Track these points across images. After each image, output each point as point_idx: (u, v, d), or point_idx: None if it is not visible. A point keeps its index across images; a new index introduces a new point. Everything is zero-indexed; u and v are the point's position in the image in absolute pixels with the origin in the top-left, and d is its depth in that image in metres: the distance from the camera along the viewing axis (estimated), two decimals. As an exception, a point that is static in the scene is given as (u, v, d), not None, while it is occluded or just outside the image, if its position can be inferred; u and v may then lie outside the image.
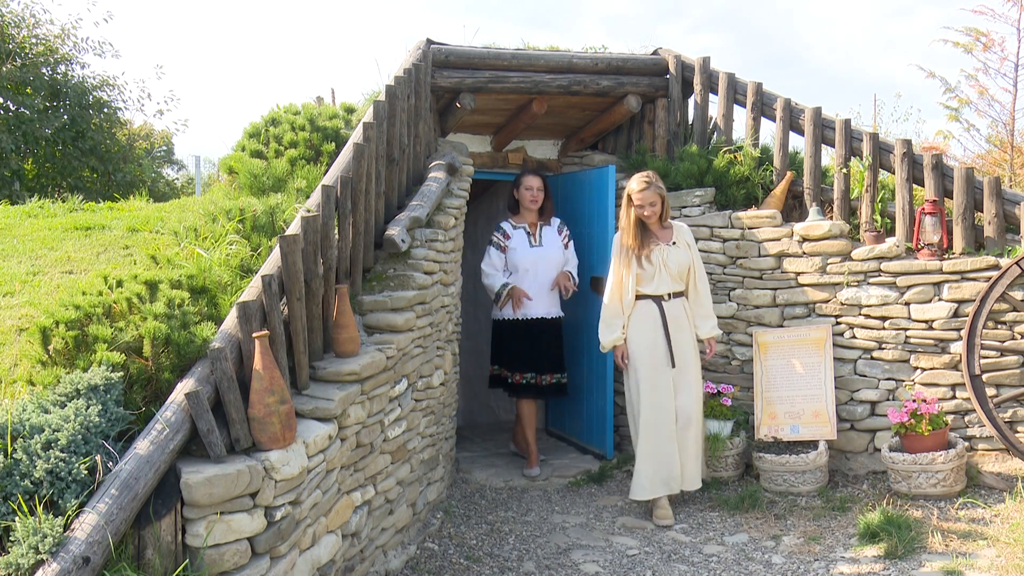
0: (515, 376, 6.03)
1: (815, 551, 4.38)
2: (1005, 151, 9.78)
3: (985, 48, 9.31)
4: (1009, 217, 5.13)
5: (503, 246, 6.04)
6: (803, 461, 5.15)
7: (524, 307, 5.98)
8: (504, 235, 6.07)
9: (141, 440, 2.71)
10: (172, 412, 2.82)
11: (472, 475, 6.01)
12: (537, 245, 6.04)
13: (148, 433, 2.74)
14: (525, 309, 5.99)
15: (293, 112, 6.02)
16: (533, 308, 6.02)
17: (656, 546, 4.63)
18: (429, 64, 5.95)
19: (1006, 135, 9.74)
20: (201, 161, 12.37)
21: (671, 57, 6.57)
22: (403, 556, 4.28)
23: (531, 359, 6.01)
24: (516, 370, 6.03)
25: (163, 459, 2.70)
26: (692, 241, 5.25)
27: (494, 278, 6.00)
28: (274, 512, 2.91)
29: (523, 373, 6.01)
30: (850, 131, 5.73)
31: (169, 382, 3.04)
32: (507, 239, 6.04)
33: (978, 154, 10.16)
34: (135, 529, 2.59)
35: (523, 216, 6.11)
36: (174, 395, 2.91)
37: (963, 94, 9.71)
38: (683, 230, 5.24)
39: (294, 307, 3.42)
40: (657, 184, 5.07)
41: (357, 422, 3.66)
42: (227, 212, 4.47)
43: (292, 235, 3.38)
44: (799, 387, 5.44)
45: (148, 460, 2.64)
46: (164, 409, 2.84)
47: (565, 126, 7.17)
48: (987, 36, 9.31)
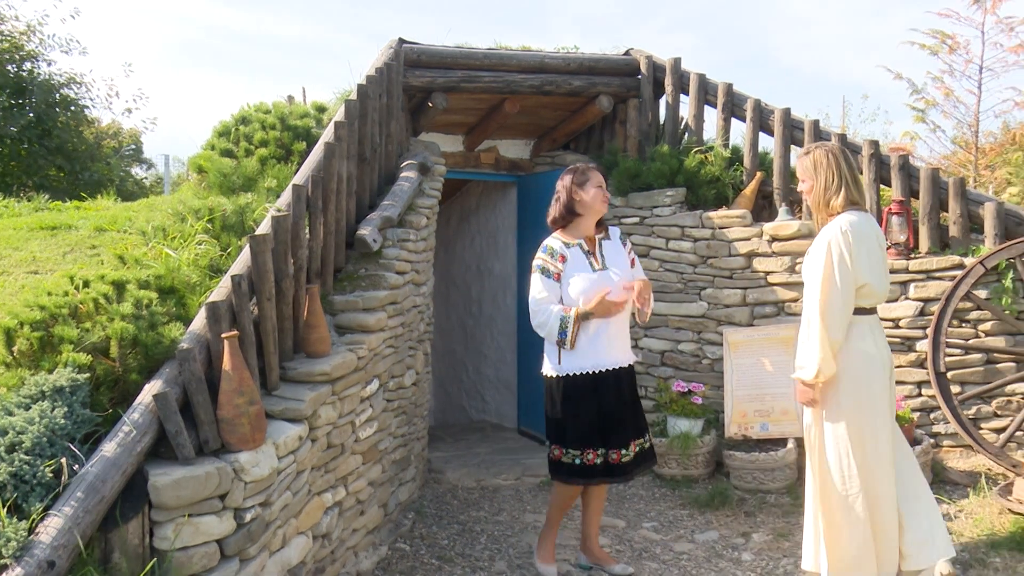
0: (587, 455, 4.01)
1: (784, 548, 4.42)
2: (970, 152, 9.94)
3: (951, 50, 9.47)
4: (973, 217, 5.22)
5: (556, 272, 4.03)
6: (772, 459, 5.21)
7: (599, 356, 4.03)
8: (557, 257, 4.04)
9: (108, 442, 2.68)
10: (139, 414, 2.79)
11: (444, 475, 6.00)
12: (601, 268, 4.07)
13: (115, 435, 2.71)
14: (600, 358, 4.04)
15: (263, 111, 5.97)
16: (603, 355, 4.06)
17: (627, 544, 4.65)
18: (401, 63, 5.93)
19: (971, 136, 9.91)
20: (170, 160, 12.28)
21: (643, 58, 6.61)
22: (374, 557, 4.27)
23: (606, 429, 4.05)
24: (587, 446, 4.02)
25: (130, 461, 2.67)
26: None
27: (548, 313, 3.99)
28: (244, 514, 2.89)
29: (596, 449, 4.03)
30: (819, 132, 5.79)
31: (137, 383, 3.01)
32: (562, 262, 4.04)
33: (944, 155, 10.32)
34: (102, 532, 2.56)
35: (577, 229, 4.13)
36: (142, 396, 2.88)
37: (929, 96, 9.87)
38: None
39: (264, 307, 3.39)
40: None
41: (328, 423, 3.65)
42: (196, 211, 4.43)
43: (262, 234, 3.36)
44: (768, 385, 5.49)
45: (115, 462, 2.61)
46: (131, 411, 2.81)
47: (537, 126, 7.19)
48: (952, 39, 9.46)
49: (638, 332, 6.15)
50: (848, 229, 3.43)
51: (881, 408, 3.50)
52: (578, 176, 4.13)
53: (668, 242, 6.06)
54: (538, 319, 4.03)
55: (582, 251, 4.08)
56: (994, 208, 5.10)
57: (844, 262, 3.41)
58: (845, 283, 3.41)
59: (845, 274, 3.41)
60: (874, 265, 3.48)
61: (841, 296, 3.42)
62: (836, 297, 3.41)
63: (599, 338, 3.99)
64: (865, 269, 3.44)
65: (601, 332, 3.99)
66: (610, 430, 4.05)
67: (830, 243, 3.45)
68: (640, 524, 4.95)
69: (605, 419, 4.04)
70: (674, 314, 6.00)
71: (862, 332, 3.52)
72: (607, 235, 4.21)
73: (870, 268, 3.46)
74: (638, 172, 6.21)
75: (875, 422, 3.48)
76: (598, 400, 4.03)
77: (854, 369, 3.49)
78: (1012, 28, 9.22)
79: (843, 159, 3.57)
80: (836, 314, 3.42)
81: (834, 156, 3.57)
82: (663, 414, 5.72)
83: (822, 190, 3.56)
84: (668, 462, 5.57)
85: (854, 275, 3.42)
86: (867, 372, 3.50)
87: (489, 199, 8.15)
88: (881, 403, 3.51)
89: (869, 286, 3.46)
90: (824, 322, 3.41)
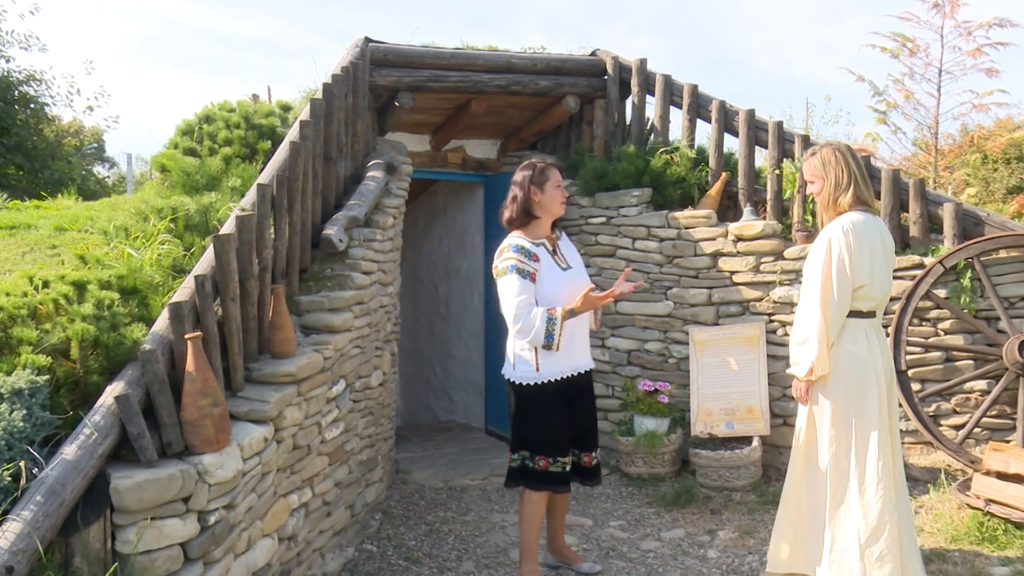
0: (560, 461, 3.94)
1: (749, 545, 4.47)
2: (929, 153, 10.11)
3: (911, 53, 9.61)
4: (933, 217, 5.30)
5: (532, 272, 3.84)
6: (737, 456, 5.26)
7: (574, 359, 3.96)
8: (531, 257, 3.86)
9: (68, 445, 2.64)
10: (101, 416, 2.76)
11: (412, 475, 5.98)
12: (567, 267, 3.99)
13: (76, 438, 2.67)
14: (576, 360, 3.97)
15: (228, 109, 5.91)
16: (579, 358, 4.01)
17: (594, 543, 4.67)
18: (367, 62, 5.90)
19: (930, 138, 10.08)
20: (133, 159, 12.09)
21: (609, 58, 6.64)
22: (341, 558, 4.25)
23: (580, 431, 4.05)
24: (558, 453, 3.93)
25: (91, 464, 2.63)
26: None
27: (533, 316, 3.75)
28: (208, 516, 2.86)
29: (565, 456, 3.96)
30: (782, 133, 5.86)
31: (98, 385, 2.96)
32: (535, 262, 3.87)
33: (904, 156, 10.49)
34: (62, 536, 2.52)
35: (536, 229, 3.98)
36: (103, 398, 2.84)
37: (890, 98, 10.02)
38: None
39: (228, 308, 3.36)
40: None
41: (294, 424, 3.62)
42: (159, 211, 4.38)
43: (226, 234, 3.33)
44: (734, 384, 5.54)
45: (76, 466, 2.57)
46: (92, 413, 2.77)
47: (504, 126, 7.19)
48: (913, 42, 9.62)
49: (605, 332, 6.18)
50: (849, 228, 3.40)
51: (870, 417, 3.43)
52: (536, 176, 3.96)
53: (634, 242, 6.10)
54: (522, 323, 3.76)
55: (547, 250, 3.95)
56: (953, 209, 5.20)
57: (843, 261, 3.38)
58: (841, 282, 3.39)
59: (842, 273, 3.38)
60: (875, 267, 3.44)
61: (837, 295, 3.39)
62: (832, 296, 3.39)
63: (574, 340, 3.92)
64: (864, 270, 3.40)
65: (576, 333, 3.93)
66: (583, 432, 4.05)
67: (830, 240, 3.42)
68: (607, 523, 4.97)
69: (579, 422, 4.02)
70: (640, 313, 6.04)
71: (855, 336, 3.48)
72: (560, 235, 4.13)
73: (870, 269, 3.42)
74: (604, 172, 6.24)
75: (862, 430, 3.43)
76: (574, 403, 3.99)
77: (841, 373, 3.46)
78: (970, 32, 9.39)
79: (851, 157, 3.53)
80: (832, 313, 3.40)
81: (842, 154, 3.53)
82: (630, 413, 5.75)
83: (832, 188, 3.51)
84: (635, 461, 5.61)
85: (852, 275, 3.39)
86: (857, 378, 3.45)
87: (456, 199, 8.14)
88: (870, 412, 3.43)
89: (867, 288, 3.43)
90: (823, 319, 3.40)
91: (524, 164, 4.05)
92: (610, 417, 6.12)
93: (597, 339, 6.21)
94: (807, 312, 3.47)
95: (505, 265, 3.84)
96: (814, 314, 3.42)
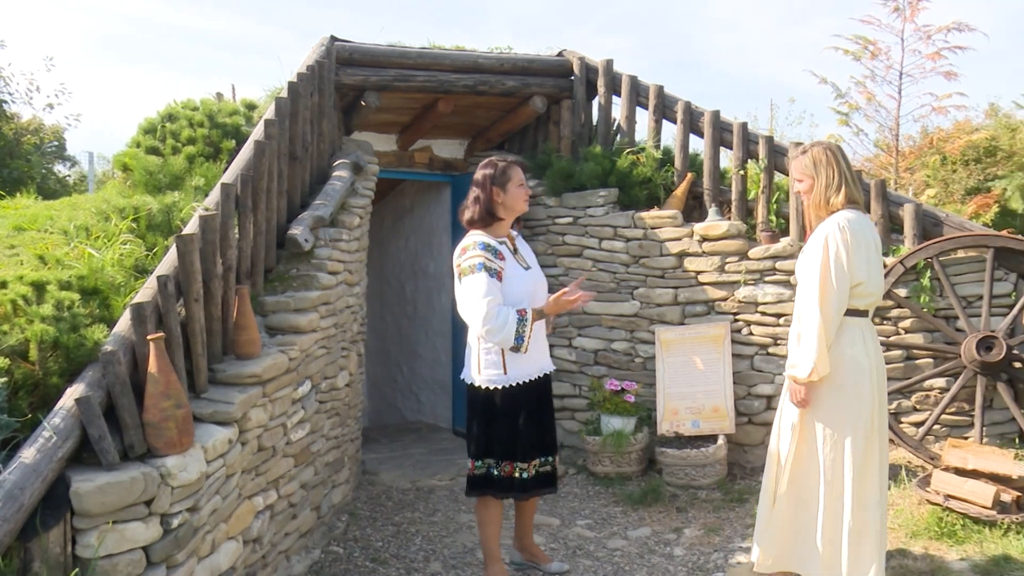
0: (525, 466, 3.90)
1: (715, 542, 4.51)
2: (891, 155, 10.27)
3: (872, 56, 9.74)
4: (894, 218, 5.39)
5: (499, 271, 3.75)
6: (703, 455, 5.30)
7: (539, 361, 3.93)
8: (498, 255, 3.78)
9: (27, 448, 2.59)
10: (61, 418, 2.71)
11: (379, 476, 5.96)
12: (528, 268, 3.94)
13: (35, 441, 2.62)
14: (541, 362, 3.96)
15: (191, 108, 5.85)
16: (543, 359, 3.99)
17: (561, 542, 4.68)
18: (333, 61, 5.87)
19: (892, 140, 10.23)
20: (94, 157, 11.92)
21: (575, 59, 6.66)
22: (307, 560, 4.22)
23: (544, 435, 3.98)
24: (523, 458, 3.89)
25: (51, 467, 2.59)
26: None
27: (504, 317, 3.67)
28: (171, 520, 2.83)
29: (530, 461, 3.92)
30: (747, 134, 5.92)
31: (58, 387, 2.92)
32: (502, 260, 3.79)
33: (866, 157, 10.63)
34: (21, 541, 2.47)
35: (499, 228, 3.90)
36: (63, 400, 2.80)
37: (852, 100, 10.14)
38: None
39: (192, 308, 3.33)
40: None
41: (259, 425, 3.59)
42: (121, 210, 4.32)
43: (190, 234, 3.30)
44: (699, 383, 5.58)
45: (35, 469, 2.53)
46: (52, 415, 2.73)
47: (472, 126, 7.19)
48: (874, 45, 9.74)
49: (572, 332, 6.21)
50: (846, 225, 3.37)
51: (865, 419, 3.40)
52: (498, 176, 3.85)
53: (601, 242, 6.12)
54: (493, 323, 3.64)
55: (508, 250, 3.88)
56: (913, 209, 5.28)
57: (840, 258, 3.35)
58: (840, 280, 3.35)
59: (840, 271, 3.35)
60: (871, 264, 3.43)
61: (836, 293, 3.35)
62: (832, 294, 3.35)
63: (537, 342, 3.88)
64: (861, 267, 3.38)
65: (538, 335, 3.89)
66: (548, 435, 4.01)
67: (827, 238, 3.38)
68: (574, 522, 4.99)
69: (544, 426, 3.97)
70: (607, 313, 6.07)
71: (853, 337, 3.43)
72: (516, 234, 4.06)
73: (867, 267, 3.40)
74: (571, 172, 6.26)
75: (859, 432, 3.40)
76: (540, 406, 3.94)
77: (840, 378, 3.41)
78: (929, 36, 9.53)
79: (842, 157, 3.51)
80: (831, 311, 3.36)
81: (833, 154, 3.49)
82: (596, 412, 5.77)
83: (823, 188, 3.48)
84: (602, 460, 5.63)
85: (850, 273, 3.36)
86: (855, 380, 3.40)
87: (423, 199, 8.12)
88: (866, 414, 3.41)
89: (864, 285, 3.40)
90: (822, 318, 3.35)
91: (484, 163, 3.94)
92: (577, 417, 6.15)
93: (564, 339, 6.23)
94: (805, 312, 3.41)
95: (471, 263, 3.72)
96: (813, 314, 3.37)
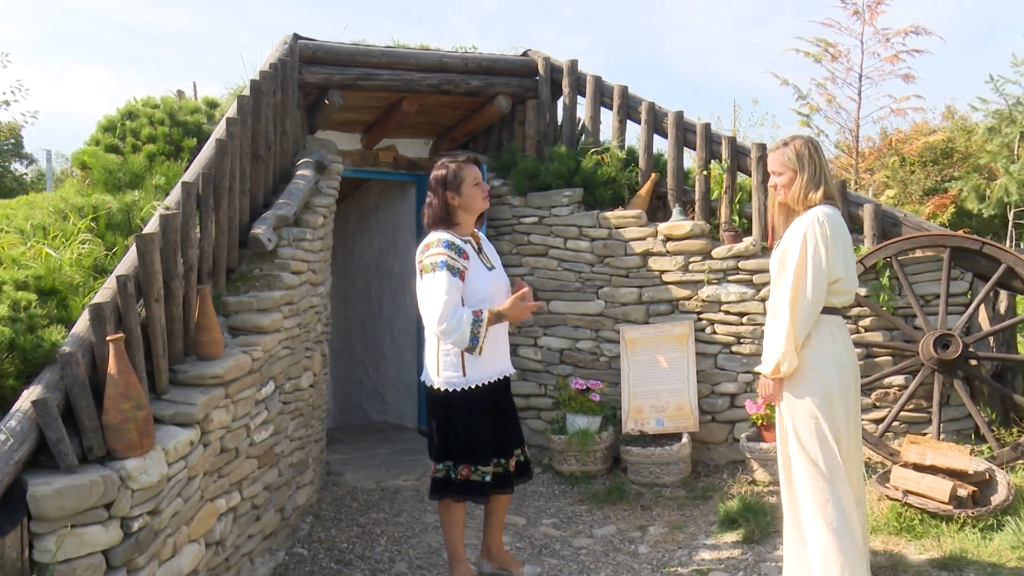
0: (486, 469, 3.86)
1: (679, 539, 4.54)
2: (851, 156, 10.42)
3: (833, 58, 9.88)
4: (854, 218, 5.47)
5: (462, 270, 3.70)
6: (667, 453, 5.34)
7: (498, 363, 3.90)
8: (462, 254, 3.72)
9: (-18, 452, 2.54)
10: (17, 421, 2.66)
11: (343, 477, 5.92)
12: (491, 268, 3.90)
13: (-10, 444, 2.57)
14: (501, 365, 3.92)
15: (151, 105, 5.76)
16: (503, 362, 3.97)
17: (527, 541, 4.69)
18: (296, 59, 5.83)
19: (852, 141, 10.38)
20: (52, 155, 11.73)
21: (540, 59, 6.67)
22: (271, 563, 4.18)
23: (501, 437, 3.97)
24: (480, 461, 3.85)
25: (7, 471, 2.53)
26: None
27: (459, 317, 3.62)
28: (131, 523, 2.78)
29: (487, 464, 3.88)
30: (710, 135, 5.97)
31: (15, 389, 2.86)
32: (465, 259, 3.73)
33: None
34: (-25, 547, 2.43)
35: (461, 228, 3.84)
36: (20, 403, 2.74)
37: (813, 101, 10.29)
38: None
39: (152, 309, 3.28)
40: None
41: (221, 426, 3.55)
42: (79, 209, 4.25)
43: (150, 233, 3.25)
44: (664, 381, 5.63)
45: (-10, 473, 2.48)
46: (8, 418, 2.67)
47: (436, 125, 7.17)
48: (835, 47, 9.89)
49: (537, 331, 6.22)
50: (825, 220, 3.30)
51: (841, 417, 3.35)
52: (450, 179, 3.79)
53: (566, 241, 6.14)
54: (448, 323, 3.60)
55: (473, 249, 3.82)
56: (872, 210, 5.36)
57: (819, 253, 3.29)
58: (818, 275, 3.29)
59: (819, 266, 3.29)
60: (848, 261, 3.39)
61: (813, 289, 3.29)
62: (807, 289, 3.28)
63: (497, 344, 3.85)
64: (839, 263, 3.33)
65: (499, 336, 3.87)
66: (506, 437, 3.97)
67: (807, 233, 3.31)
68: (540, 521, 5.00)
69: (503, 428, 3.95)
70: (572, 312, 6.09)
71: (832, 334, 3.38)
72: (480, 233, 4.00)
73: (844, 263, 3.35)
74: (537, 172, 6.27)
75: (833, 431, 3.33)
76: (498, 409, 3.91)
77: (816, 373, 3.34)
78: (888, 39, 9.70)
79: (820, 153, 3.45)
80: (805, 308, 3.30)
81: (815, 148, 3.43)
82: (562, 411, 5.79)
83: (805, 182, 3.40)
84: (567, 459, 5.65)
85: (828, 268, 3.30)
86: (831, 378, 3.34)
87: (388, 198, 8.09)
88: (841, 412, 3.35)
89: (842, 281, 3.35)
90: (792, 315, 3.30)
91: (437, 164, 3.87)
92: (543, 416, 6.16)
93: (530, 338, 6.24)
94: (779, 307, 3.36)
95: (434, 260, 3.67)
96: (784, 310, 3.33)
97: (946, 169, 10.58)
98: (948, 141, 11.00)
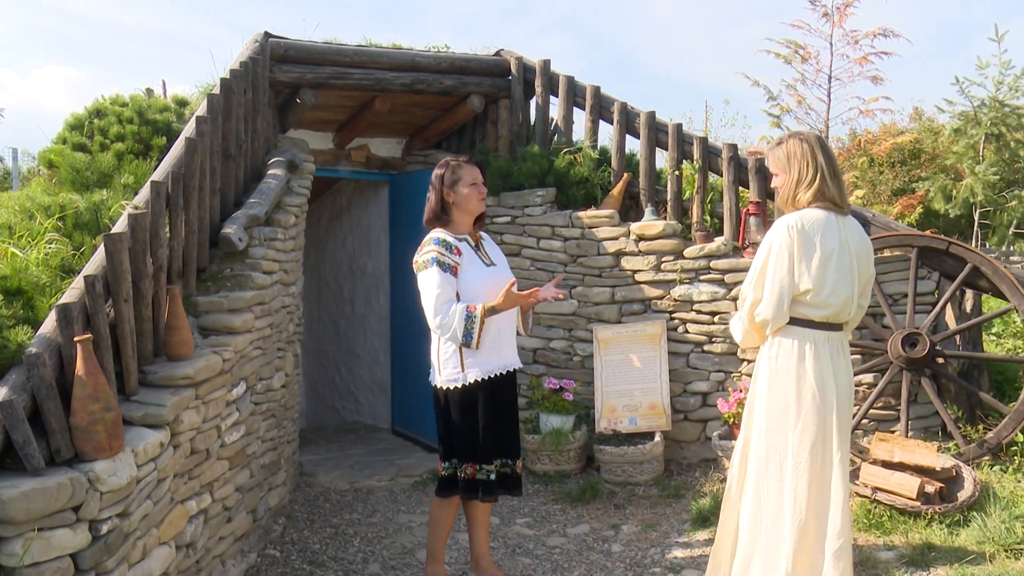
0: (490, 468, 3.81)
1: (652, 538, 4.56)
2: (821, 156, 10.49)
3: (803, 60, 9.97)
4: (823, 218, 5.51)
5: (454, 266, 3.71)
6: (640, 452, 5.36)
7: (501, 357, 3.84)
8: (453, 250, 3.73)
9: (-54, 455, 2.50)
10: (-18, 423, 2.62)
11: (316, 478, 5.89)
12: (491, 264, 3.89)
13: (-46, 447, 2.53)
14: (504, 358, 3.87)
15: (120, 103, 5.70)
16: (507, 355, 3.89)
17: (501, 541, 4.69)
18: (267, 58, 5.78)
19: (822, 142, 10.47)
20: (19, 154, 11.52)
21: (513, 59, 6.68)
22: (243, 565, 4.15)
23: (505, 436, 3.90)
24: (483, 460, 3.80)
25: (-28, 474, 2.50)
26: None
27: (452, 313, 3.63)
28: (100, 526, 2.75)
29: (491, 463, 3.83)
30: (682, 135, 6.00)
31: (-21, 391, 2.82)
32: (458, 255, 3.74)
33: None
34: (-60, 551, 2.39)
35: (457, 227, 3.86)
36: (-15, 405, 2.70)
37: (784, 102, 10.36)
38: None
39: (121, 309, 3.25)
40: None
41: (191, 428, 3.52)
42: (46, 208, 4.19)
43: (119, 233, 3.22)
44: (636, 381, 5.65)
45: (-46, 476, 2.44)
46: (-27, 420, 2.63)
47: (409, 124, 7.15)
48: (805, 49, 9.98)
49: (511, 330, 6.21)
50: (795, 224, 3.06)
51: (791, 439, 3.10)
52: (448, 177, 3.83)
53: (539, 241, 6.15)
54: (441, 318, 3.62)
55: (469, 245, 3.83)
56: (842, 209, 5.42)
57: (780, 263, 3.07)
58: (773, 286, 3.08)
59: (776, 273, 3.08)
60: (831, 272, 3.08)
61: (764, 300, 3.11)
62: (751, 300, 3.15)
63: (500, 337, 3.82)
64: (810, 273, 3.05)
65: (502, 330, 3.84)
66: (509, 436, 3.91)
67: (772, 241, 3.11)
68: (514, 520, 5.01)
69: (505, 427, 3.88)
70: (546, 312, 6.10)
71: (800, 351, 3.12)
72: (482, 233, 4.01)
73: (820, 273, 3.06)
74: (510, 172, 6.28)
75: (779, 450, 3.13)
76: (500, 405, 3.85)
77: (773, 387, 3.16)
78: (857, 41, 9.80)
79: (820, 150, 3.16)
80: (749, 319, 3.17)
81: (810, 146, 3.16)
82: (535, 411, 5.80)
83: (793, 184, 3.16)
84: (541, 458, 5.66)
85: (792, 277, 3.06)
86: (787, 395, 3.12)
87: (361, 198, 8.06)
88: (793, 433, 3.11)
89: (813, 293, 3.07)
90: (741, 318, 3.22)
91: (440, 163, 3.92)
92: (516, 415, 6.16)
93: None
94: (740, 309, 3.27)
95: (426, 258, 3.70)
96: (740, 312, 3.24)
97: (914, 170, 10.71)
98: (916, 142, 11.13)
